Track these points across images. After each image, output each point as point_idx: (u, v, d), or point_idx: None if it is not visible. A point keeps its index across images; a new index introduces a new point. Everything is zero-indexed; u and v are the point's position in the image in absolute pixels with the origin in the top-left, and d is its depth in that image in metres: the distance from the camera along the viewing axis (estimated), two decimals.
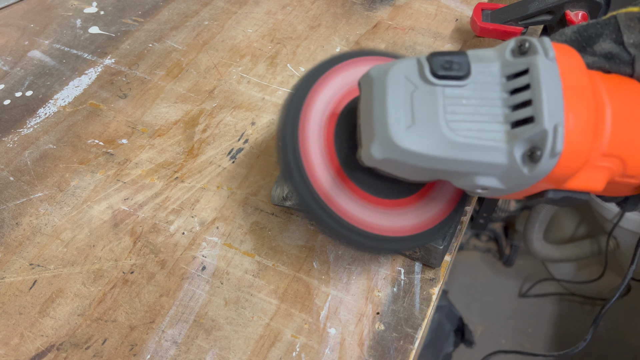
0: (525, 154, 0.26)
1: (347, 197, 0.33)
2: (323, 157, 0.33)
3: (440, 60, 0.26)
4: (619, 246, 1.20)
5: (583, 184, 0.28)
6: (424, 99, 0.26)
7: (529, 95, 0.26)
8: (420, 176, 0.30)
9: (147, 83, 0.52)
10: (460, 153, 0.26)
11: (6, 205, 0.42)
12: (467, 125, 0.26)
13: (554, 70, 0.26)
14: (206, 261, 0.39)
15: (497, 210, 1.30)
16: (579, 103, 0.25)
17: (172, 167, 0.45)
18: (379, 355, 0.35)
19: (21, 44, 0.55)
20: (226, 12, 0.61)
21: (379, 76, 0.28)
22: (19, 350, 0.34)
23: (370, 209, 0.33)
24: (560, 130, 0.25)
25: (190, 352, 0.35)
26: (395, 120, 0.26)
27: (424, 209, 0.34)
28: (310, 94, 0.33)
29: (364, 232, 0.33)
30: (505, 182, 0.27)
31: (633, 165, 0.29)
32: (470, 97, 0.26)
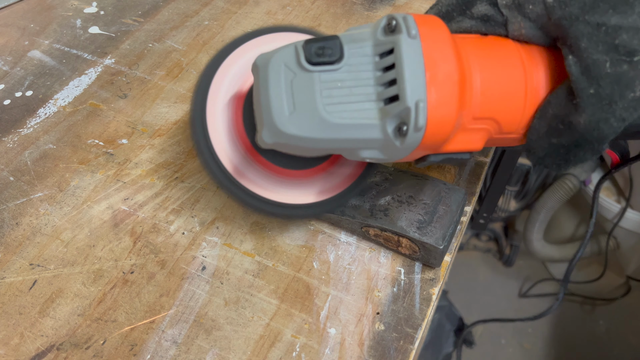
0: (395, 129, 0.28)
1: (257, 171, 0.36)
2: (232, 135, 0.36)
3: (314, 47, 0.28)
4: (619, 246, 1.20)
5: (460, 146, 0.31)
6: (302, 86, 0.28)
7: (394, 74, 0.27)
8: (313, 153, 0.32)
9: (147, 83, 0.52)
10: (339, 133, 0.28)
11: (6, 205, 0.42)
12: (343, 107, 0.28)
13: (417, 48, 0.27)
14: (206, 261, 0.39)
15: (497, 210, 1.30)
16: (441, 77, 0.27)
17: (172, 167, 0.45)
18: (379, 355, 0.35)
19: (21, 44, 0.55)
20: (226, 12, 0.61)
21: (263, 65, 0.29)
22: (19, 350, 0.34)
23: (281, 181, 0.37)
24: (422, 106, 0.26)
25: (190, 352, 0.35)
26: (278, 108, 0.28)
27: (330, 178, 0.38)
28: (219, 73, 0.36)
29: (275, 202, 0.36)
30: (386, 153, 0.30)
31: (506, 124, 0.31)
32: (345, 79, 0.28)
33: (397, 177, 0.40)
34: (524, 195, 1.27)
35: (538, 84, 0.30)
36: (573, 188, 1.15)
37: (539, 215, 1.23)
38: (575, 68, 0.27)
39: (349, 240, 0.41)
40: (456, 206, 0.38)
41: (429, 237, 0.36)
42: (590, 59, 0.27)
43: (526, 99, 0.30)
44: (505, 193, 1.27)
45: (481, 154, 0.47)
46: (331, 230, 0.41)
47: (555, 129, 0.29)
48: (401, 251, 0.39)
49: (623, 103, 0.26)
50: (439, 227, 0.37)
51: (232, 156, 0.35)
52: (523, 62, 0.30)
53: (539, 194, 1.26)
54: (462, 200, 0.39)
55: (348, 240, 0.41)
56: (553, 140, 0.30)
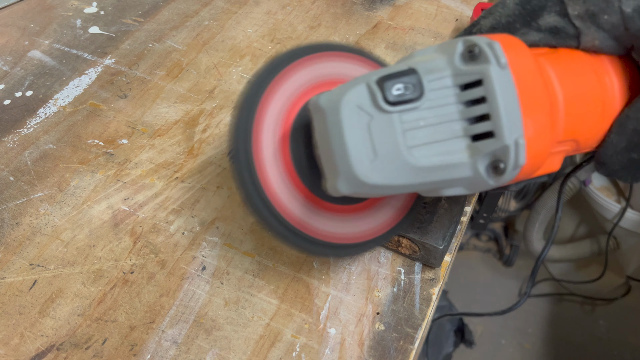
0: (488, 166, 0.25)
1: (320, 216, 0.32)
2: (285, 182, 0.31)
3: (392, 86, 0.25)
4: (619, 246, 1.20)
5: (542, 171, 0.29)
6: (381, 129, 0.25)
7: (486, 109, 0.25)
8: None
9: (147, 83, 0.52)
10: (426, 176, 0.26)
11: (6, 205, 0.42)
12: (428, 148, 0.26)
13: (508, 79, 0.25)
14: (206, 261, 0.39)
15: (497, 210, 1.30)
16: (535, 107, 0.25)
17: (172, 167, 0.45)
18: (379, 355, 0.35)
19: (21, 44, 0.55)
20: (226, 12, 0.61)
21: (330, 108, 0.26)
22: (19, 350, 0.34)
23: (339, 219, 0.33)
24: (521, 143, 0.24)
25: (190, 352, 0.35)
26: (358, 157, 0.26)
27: (377, 214, 0.35)
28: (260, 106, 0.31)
29: (336, 245, 0.33)
30: (471, 189, 0.28)
31: (585, 142, 0.29)
32: (428, 117, 0.26)
33: None
34: (524, 195, 1.27)
35: (614, 97, 0.29)
36: (573, 188, 1.15)
37: (539, 215, 1.23)
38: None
39: None
40: (456, 206, 0.38)
41: (429, 237, 0.36)
42: None
43: (604, 114, 0.29)
44: (505, 193, 1.27)
45: None
46: None
47: (637, 144, 0.28)
48: (401, 251, 0.39)
49: None
50: (439, 227, 0.37)
51: (292, 207, 0.32)
52: (598, 76, 0.29)
53: (539, 194, 1.26)
54: (462, 200, 0.39)
55: None
56: (633, 155, 0.28)
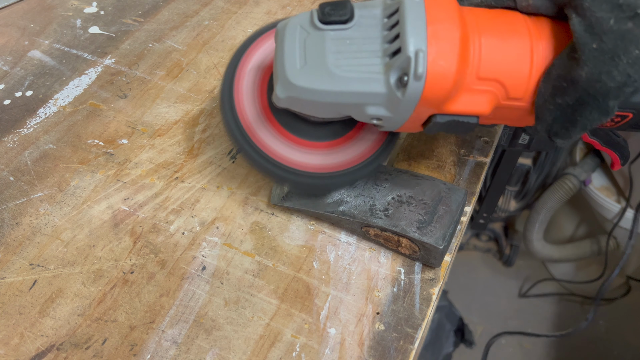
0: (397, 80, 0.29)
1: (267, 131, 0.37)
2: (254, 99, 0.38)
3: (326, 8, 0.30)
4: (619, 246, 1.20)
5: (466, 107, 0.31)
6: (314, 43, 0.31)
7: (398, 29, 0.29)
8: (324, 112, 0.34)
9: (147, 83, 0.52)
10: (345, 86, 0.30)
11: (6, 205, 0.42)
12: (350, 62, 0.30)
13: (420, 6, 0.29)
14: (206, 261, 0.39)
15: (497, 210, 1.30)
16: (442, 32, 0.29)
17: (172, 167, 0.45)
18: (379, 355, 0.35)
19: (21, 44, 0.55)
20: (226, 12, 0.61)
21: (282, 28, 0.32)
22: (19, 350, 0.34)
23: (289, 146, 0.38)
24: (421, 56, 0.28)
25: (190, 352, 0.35)
26: (291, 63, 0.31)
27: (337, 154, 0.38)
28: (250, 49, 0.39)
29: (277, 163, 0.37)
30: (391, 110, 0.31)
31: (513, 87, 0.31)
32: (354, 37, 0.30)
33: (397, 177, 0.40)
34: (524, 195, 1.27)
35: (544, 51, 0.31)
36: (573, 188, 1.15)
37: (539, 215, 1.23)
38: (579, 26, 0.28)
39: (349, 240, 0.41)
40: (456, 206, 0.38)
41: (429, 237, 0.36)
42: (594, 17, 0.28)
43: (532, 64, 0.31)
44: (505, 193, 1.27)
45: (481, 154, 0.47)
46: (331, 230, 0.41)
47: (559, 88, 0.30)
48: (401, 251, 0.39)
49: (627, 58, 0.27)
50: (439, 227, 0.37)
51: (250, 114, 0.38)
52: (529, 30, 0.31)
53: (539, 194, 1.26)
54: (462, 200, 0.39)
55: (348, 240, 0.41)
56: (558, 100, 0.30)
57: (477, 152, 0.47)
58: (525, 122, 0.35)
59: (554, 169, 1.23)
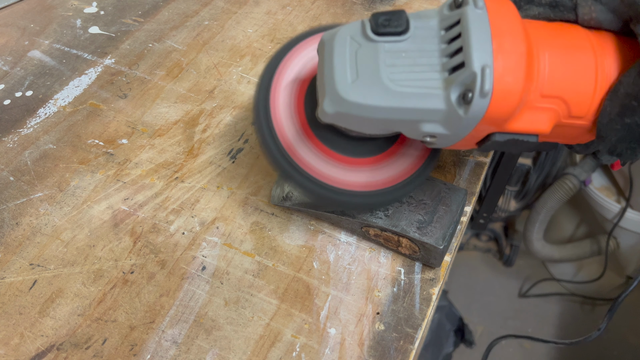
0: (459, 97, 0.28)
1: (309, 150, 0.35)
2: (292, 115, 0.35)
3: (380, 19, 0.28)
4: (619, 246, 1.20)
5: (527, 125, 0.30)
6: (366, 55, 0.28)
7: (460, 43, 0.27)
8: (373, 128, 0.31)
9: (147, 83, 0.52)
10: (401, 101, 0.28)
11: (6, 205, 0.42)
12: (406, 76, 0.28)
13: (484, 18, 0.27)
14: (206, 261, 0.39)
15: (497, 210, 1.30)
16: (508, 47, 0.27)
17: (172, 167, 0.45)
18: (379, 355, 0.35)
19: (21, 44, 0.55)
20: (226, 12, 0.61)
21: (329, 39, 0.30)
22: (19, 350, 0.34)
23: (331, 164, 0.35)
24: (487, 72, 0.26)
25: (190, 352, 0.35)
26: (341, 76, 0.29)
27: (383, 169, 0.36)
28: (284, 61, 0.36)
29: (320, 182, 0.35)
30: (448, 128, 0.29)
31: (576, 105, 0.30)
32: (409, 50, 0.28)
33: None
34: (524, 195, 1.27)
35: (609, 68, 0.30)
36: (573, 188, 1.15)
37: (539, 215, 1.23)
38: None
39: (349, 240, 0.41)
40: (456, 206, 0.38)
41: (429, 237, 0.36)
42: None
43: (596, 82, 0.30)
44: (505, 193, 1.27)
45: (481, 154, 0.47)
46: (331, 230, 0.41)
47: (629, 107, 0.29)
48: (401, 251, 0.39)
49: None
50: (439, 227, 0.37)
51: (288, 132, 0.35)
52: (593, 46, 0.30)
53: (539, 194, 1.26)
54: (462, 200, 0.39)
55: (348, 240, 0.41)
56: (627, 119, 0.29)
57: (477, 152, 0.47)
58: (581, 140, 0.33)
59: (554, 169, 1.23)
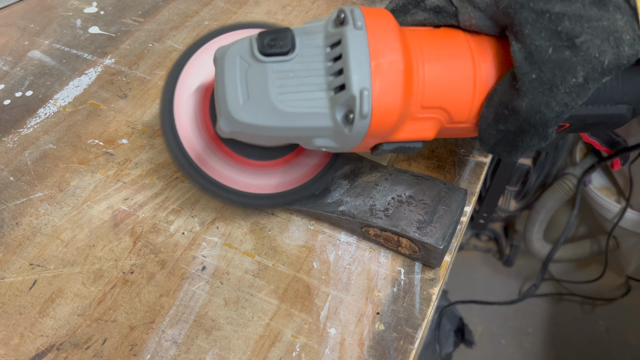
0: (343, 117, 0.29)
1: (219, 159, 0.36)
2: (199, 125, 0.37)
3: (266, 39, 0.29)
4: (619, 246, 1.20)
5: (411, 134, 0.31)
6: (256, 76, 0.29)
7: (341, 64, 0.28)
8: (270, 142, 0.33)
9: (147, 83, 0.52)
10: (291, 121, 0.29)
11: (6, 205, 0.42)
12: (294, 96, 0.29)
13: (363, 39, 0.28)
14: (206, 261, 0.39)
15: (497, 210, 1.30)
16: (386, 66, 0.28)
17: (172, 167, 0.45)
18: (379, 355, 0.35)
19: (21, 44, 0.55)
20: (226, 12, 0.61)
21: (220, 57, 0.31)
22: (19, 350, 0.34)
23: (243, 170, 0.37)
24: (366, 95, 0.27)
25: (190, 352, 0.35)
26: (233, 97, 0.29)
27: (292, 170, 0.38)
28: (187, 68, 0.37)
29: (234, 190, 0.37)
30: (338, 142, 0.31)
31: (456, 113, 0.31)
32: (297, 69, 0.29)
33: (397, 177, 0.40)
34: (524, 195, 1.27)
35: (487, 74, 0.31)
36: (573, 188, 1.15)
37: (539, 215, 1.23)
38: (519, 54, 0.28)
39: (349, 240, 0.41)
40: (456, 206, 0.38)
41: (429, 237, 0.36)
42: (533, 45, 0.27)
43: (475, 88, 0.31)
44: (505, 193, 1.27)
45: (481, 154, 0.47)
46: (331, 230, 0.41)
47: (501, 115, 0.30)
48: (401, 251, 0.39)
49: (565, 88, 0.27)
50: (439, 227, 0.37)
51: (197, 144, 0.36)
52: (472, 53, 0.31)
53: (539, 194, 1.26)
54: (462, 200, 0.39)
55: (348, 240, 0.41)
56: (500, 126, 0.30)
57: (477, 152, 0.47)
58: (471, 134, 0.35)
59: (554, 169, 1.23)
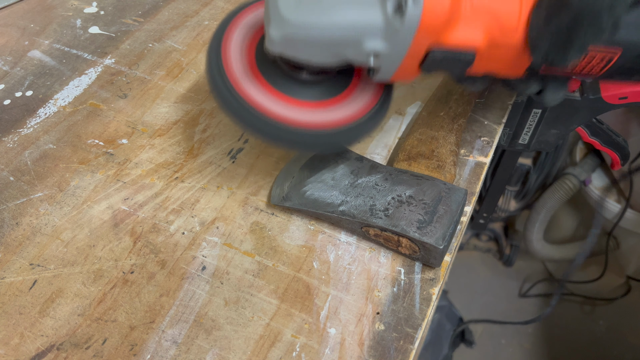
0: (395, 8, 0.29)
1: (255, 88, 0.35)
2: (243, 57, 0.37)
3: None
4: (619, 246, 1.20)
5: (462, 38, 0.31)
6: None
7: None
8: (320, 54, 0.32)
9: (147, 83, 0.52)
10: (342, 16, 0.30)
11: (6, 205, 0.42)
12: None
13: None
14: (206, 261, 0.39)
15: (497, 210, 1.30)
16: None
17: (172, 167, 0.45)
18: (379, 355, 0.35)
19: (21, 44, 0.55)
20: (226, 12, 0.61)
21: None
22: (19, 350, 0.34)
23: (277, 102, 0.36)
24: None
25: (190, 352, 0.35)
26: (285, 1, 0.30)
27: (337, 110, 0.37)
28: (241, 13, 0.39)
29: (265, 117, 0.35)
30: (389, 42, 0.31)
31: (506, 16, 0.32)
32: None
33: (397, 177, 0.40)
34: (524, 195, 1.27)
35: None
36: (573, 188, 1.15)
37: (539, 215, 1.23)
38: None
39: (349, 240, 0.41)
40: (456, 206, 0.38)
41: (429, 237, 0.36)
42: None
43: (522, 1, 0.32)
44: (505, 193, 1.27)
45: (481, 154, 0.47)
46: (331, 230, 0.41)
47: (553, 11, 0.30)
48: (401, 251, 0.39)
49: None
50: (439, 227, 0.37)
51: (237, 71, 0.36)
52: None
53: (539, 194, 1.26)
54: (462, 200, 0.39)
55: (348, 240, 0.41)
56: (553, 24, 0.30)
57: (477, 152, 0.47)
58: (519, 69, 0.35)
59: (554, 169, 1.23)
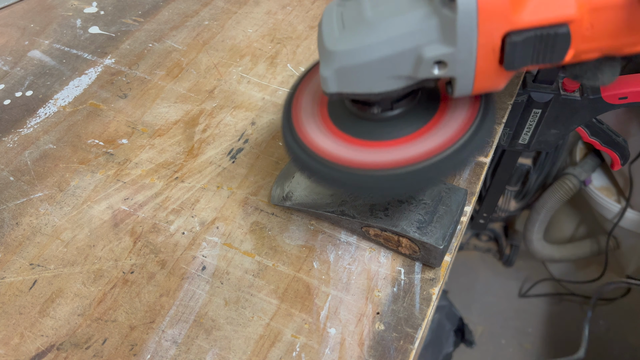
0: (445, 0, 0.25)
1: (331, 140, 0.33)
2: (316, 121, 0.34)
3: None
4: (619, 246, 1.20)
5: (544, 11, 0.24)
6: (351, 9, 0.29)
7: None
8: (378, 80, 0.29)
9: (147, 83, 0.52)
10: (390, 30, 0.26)
11: (6, 205, 0.42)
12: (389, 7, 0.27)
13: None
14: (206, 261, 0.39)
15: (497, 210, 1.30)
16: None
17: (172, 167, 0.45)
18: (379, 355, 0.35)
19: (21, 44, 0.55)
20: (226, 12, 0.61)
21: (320, 19, 0.31)
22: (19, 350, 0.34)
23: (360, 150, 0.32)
24: None
25: (190, 352, 0.35)
26: (328, 33, 0.29)
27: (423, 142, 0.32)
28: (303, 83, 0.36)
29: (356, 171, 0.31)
30: (449, 40, 0.26)
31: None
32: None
33: None
34: (524, 195, 1.27)
35: None
36: (573, 188, 1.15)
37: (539, 215, 1.23)
38: None
39: (349, 240, 0.41)
40: (456, 206, 0.38)
41: (429, 237, 0.36)
42: None
43: None
44: (505, 193, 1.27)
45: (481, 154, 0.47)
46: (331, 230, 0.41)
47: None
48: (401, 251, 0.39)
49: None
50: (439, 227, 0.37)
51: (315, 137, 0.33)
52: None
53: (539, 194, 1.26)
54: (462, 200, 0.39)
55: (348, 240, 0.41)
56: None
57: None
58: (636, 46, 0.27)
59: (554, 169, 1.23)
